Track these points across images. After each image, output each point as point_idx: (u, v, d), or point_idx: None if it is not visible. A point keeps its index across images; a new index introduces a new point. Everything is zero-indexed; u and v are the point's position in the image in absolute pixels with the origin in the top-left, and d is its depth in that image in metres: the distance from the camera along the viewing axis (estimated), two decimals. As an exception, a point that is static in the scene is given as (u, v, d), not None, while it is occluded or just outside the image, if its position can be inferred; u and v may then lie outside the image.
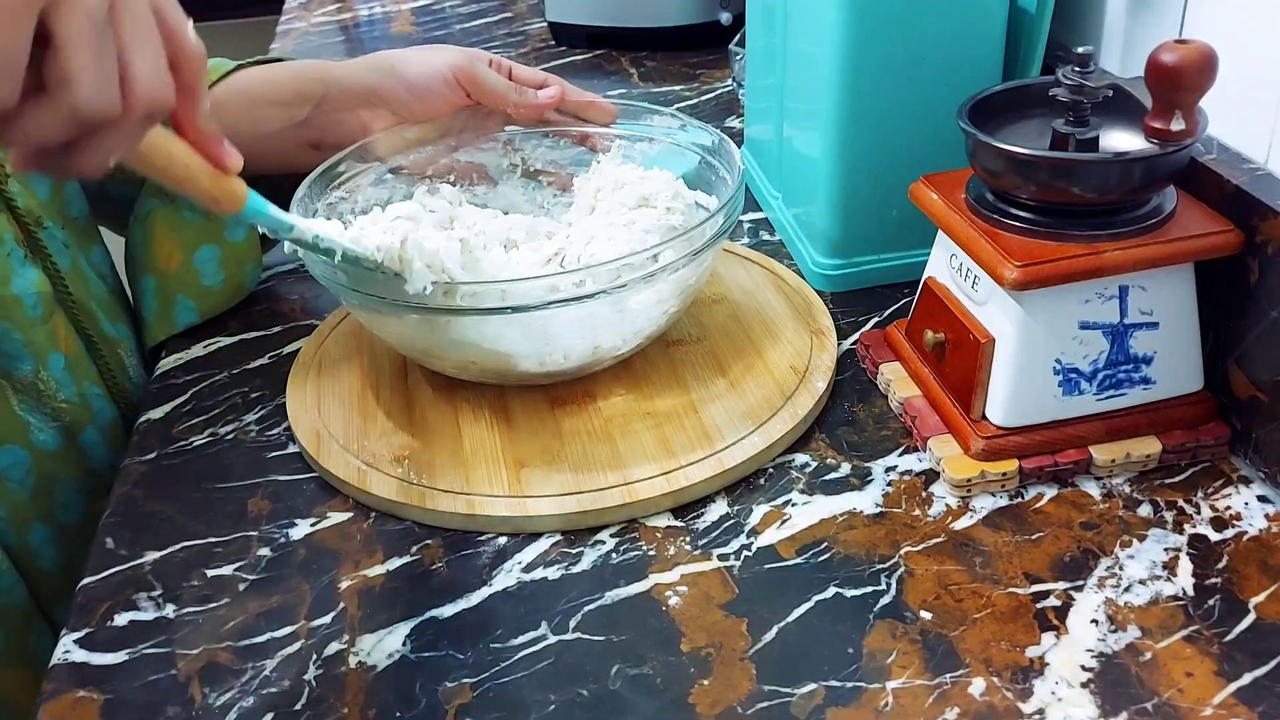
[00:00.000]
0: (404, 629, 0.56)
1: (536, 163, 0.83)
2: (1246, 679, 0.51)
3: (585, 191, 0.77)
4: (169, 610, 0.58)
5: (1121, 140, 0.62)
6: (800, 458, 0.66)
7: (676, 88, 1.19)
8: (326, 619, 0.57)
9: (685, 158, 0.78)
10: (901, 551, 0.59)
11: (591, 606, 0.57)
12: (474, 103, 0.79)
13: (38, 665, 0.69)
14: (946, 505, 0.62)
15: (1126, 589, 0.56)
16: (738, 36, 1.09)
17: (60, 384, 0.72)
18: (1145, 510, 0.61)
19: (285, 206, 0.74)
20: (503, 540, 0.61)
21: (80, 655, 0.56)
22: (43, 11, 0.39)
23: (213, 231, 0.79)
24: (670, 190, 0.74)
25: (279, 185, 0.85)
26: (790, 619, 0.55)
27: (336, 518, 0.64)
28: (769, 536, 0.60)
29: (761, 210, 0.92)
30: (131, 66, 0.42)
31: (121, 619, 0.58)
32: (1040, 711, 0.50)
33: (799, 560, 0.59)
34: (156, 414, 0.73)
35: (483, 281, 0.63)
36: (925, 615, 0.55)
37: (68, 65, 0.40)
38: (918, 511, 0.61)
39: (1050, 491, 0.62)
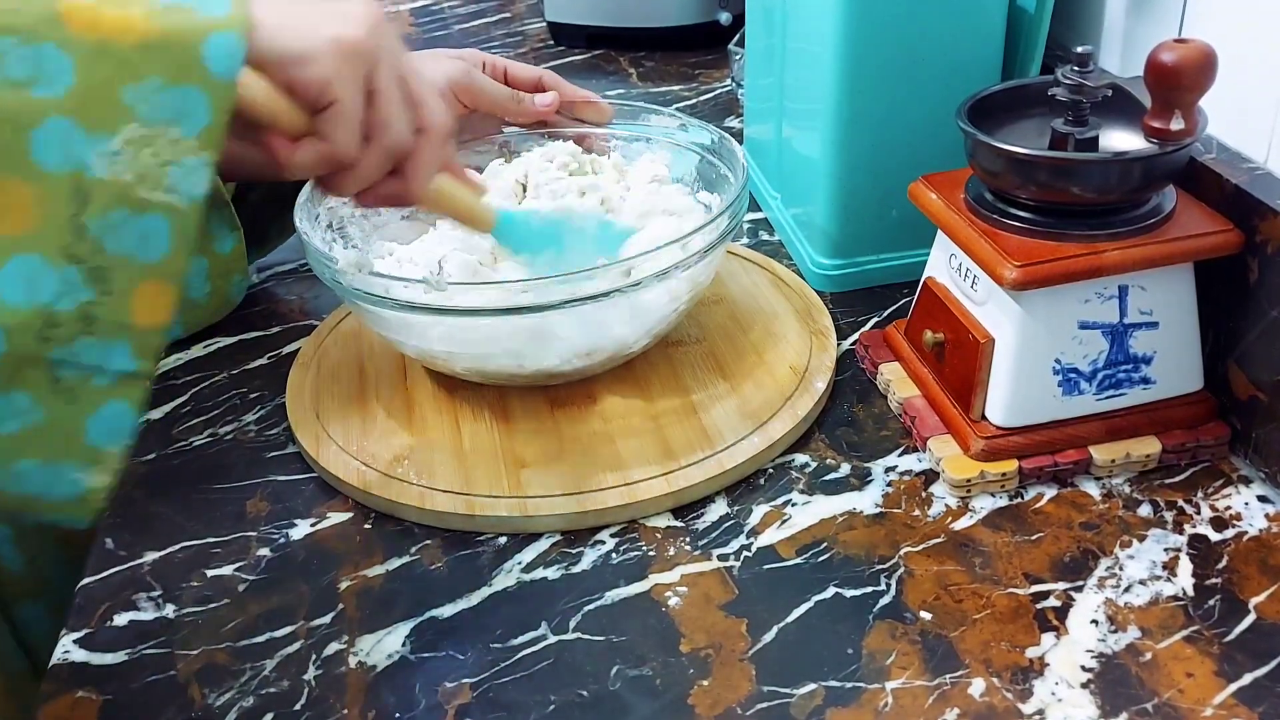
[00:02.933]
0: (404, 629, 0.56)
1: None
2: (1247, 679, 0.51)
3: (611, 174, 0.77)
4: (169, 610, 0.58)
5: (1121, 140, 0.62)
6: (800, 458, 0.66)
7: (675, 88, 1.19)
8: (326, 619, 0.57)
9: (685, 157, 0.78)
10: (901, 552, 0.59)
11: (591, 607, 0.57)
12: (471, 111, 0.79)
13: (6, 668, 0.68)
14: (946, 505, 0.62)
15: (1126, 589, 0.56)
16: (737, 36, 1.09)
17: None
18: (1145, 510, 0.61)
19: (286, 210, 0.74)
20: (503, 540, 0.61)
21: (80, 655, 0.56)
22: (365, 74, 0.49)
23: (202, 244, 0.78)
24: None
25: (277, 189, 0.85)
26: (790, 619, 0.55)
27: (336, 518, 0.64)
28: (769, 537, 0.60)
29: (761, 210, 0.92)
30: (424, 108, 0.53)
31: (121, 619, 0.58)
32: (1040, 712, 0.50)
33: (799, 560, 0.59)
34: (156, 414, 0.73)
35: (493, 282, 0.63)
36: (925, 616, 0.55)
37: (386, 111, 0.51)
38: (917, 512, 0.61)
39: (1050, 492, 0.62)
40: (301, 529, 0.63)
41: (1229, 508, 0.60)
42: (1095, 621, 0.54)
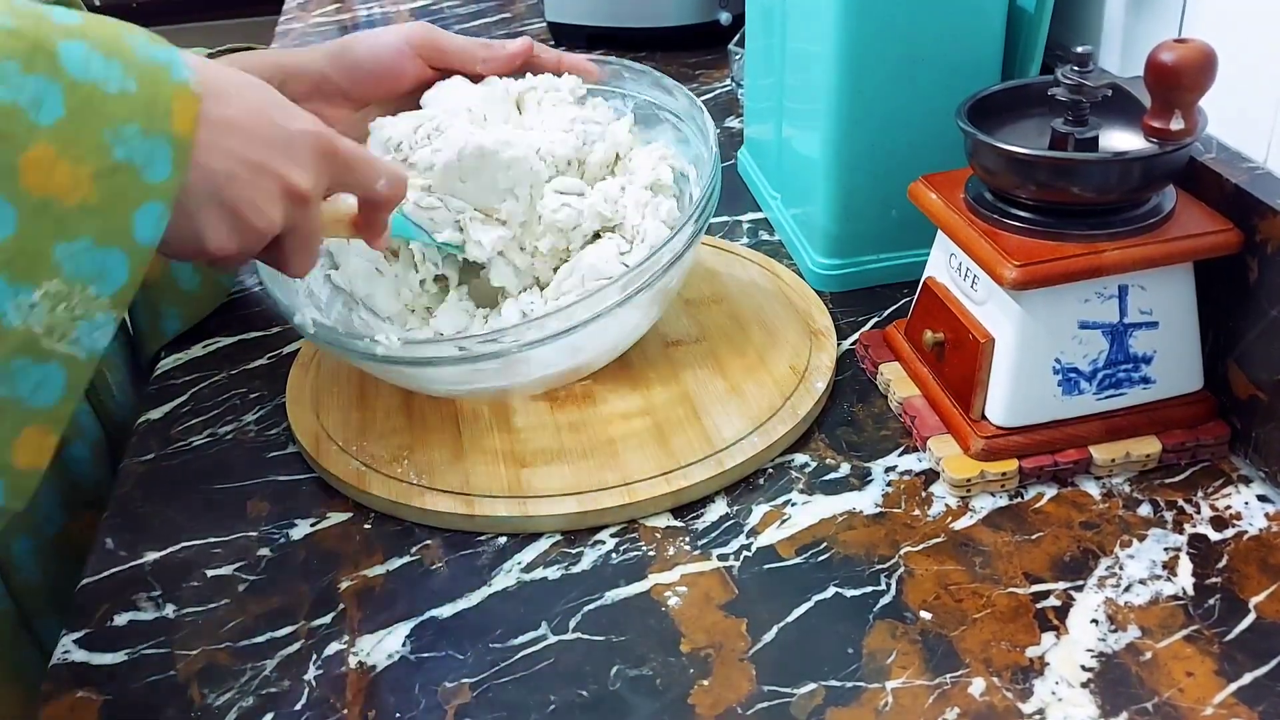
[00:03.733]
0: (403, 629, 0.56)
1: None
2: (1247, 678, 0.51)
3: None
4: (169, 610, 0.58)
5: (1121, 140, 0.62)
6: (800, 458, 0.66)
7: (676, 88, 1.19)
8: (326, 619, 0.57)
9: (662, 126, 0.76)
10: (901, 551, 0.59)
11: (591, 607, 0.57)
12: (439, 74, 0.74)
13: (26, 680, 0.68)
14: (946, 505, 0.62)
15: (1126, 589, 0.56)
16: (737, 36, 1.09)
17: None
18: (1145, 510, 0.61)
19: None
20: (503, 540, 0.61)
21: (80, 655, 0.56)
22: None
23: None
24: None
25: None
26: (790, 619, 0.55)
27: (336, 518, 0.64)
28: (769, 537, 0.60)
29: (761, 210, 0.92)
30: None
31: (121, 619, 0.58)
32: (1040, 712, 0.50)
33: (799, 560, 0.59)
34: (155, 414, 0.73)
35: (446, 338, 0.63)
36: (925, 615, 0.55)
37: (295, 258, 0.54)
38: (917, 511, 0.61)
39: (1050, 491, 0.62)
40: (301, 529, 0.63)
41: (1229, 507, 0.60)
42: (1095, 621, 0.54)
